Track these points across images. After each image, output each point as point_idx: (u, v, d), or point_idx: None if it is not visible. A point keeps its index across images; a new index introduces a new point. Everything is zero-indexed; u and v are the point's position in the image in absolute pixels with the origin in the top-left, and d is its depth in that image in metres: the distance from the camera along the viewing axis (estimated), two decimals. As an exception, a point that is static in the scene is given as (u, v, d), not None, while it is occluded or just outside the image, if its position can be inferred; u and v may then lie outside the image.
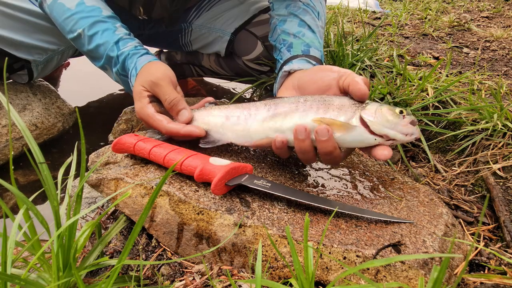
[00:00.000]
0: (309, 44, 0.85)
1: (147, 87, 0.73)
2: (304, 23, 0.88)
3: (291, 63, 0.81)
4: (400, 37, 1.71)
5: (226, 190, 0.58)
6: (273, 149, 0.64)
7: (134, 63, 0.79)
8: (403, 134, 0.59)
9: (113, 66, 0.83)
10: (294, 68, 0.78)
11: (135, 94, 0.75)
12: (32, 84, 1.14)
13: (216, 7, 1.19)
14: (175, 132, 0.69)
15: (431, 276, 0.36)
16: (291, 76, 0.79)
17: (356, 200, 0.63)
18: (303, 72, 0.76)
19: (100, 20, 0.82)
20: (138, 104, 0.74)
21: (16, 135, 1.01)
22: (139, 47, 0.82)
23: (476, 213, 0.71)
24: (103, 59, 0.83)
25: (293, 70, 0.78)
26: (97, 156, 0.71)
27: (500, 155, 0.77)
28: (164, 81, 0.73)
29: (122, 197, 0.47)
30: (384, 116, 0.59)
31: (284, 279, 0.52)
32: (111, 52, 0.81)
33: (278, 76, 0.83)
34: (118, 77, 0.85)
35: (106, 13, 0.84)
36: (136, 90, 0.74)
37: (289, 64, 0.80)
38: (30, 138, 0.52)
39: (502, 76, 1.22)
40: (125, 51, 0.80)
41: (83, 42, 0.84)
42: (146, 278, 0.55)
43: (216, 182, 0.55)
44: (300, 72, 0.77)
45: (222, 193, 0.58)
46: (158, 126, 0.70)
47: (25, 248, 0.44)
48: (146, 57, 0.79)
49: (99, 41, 0.82)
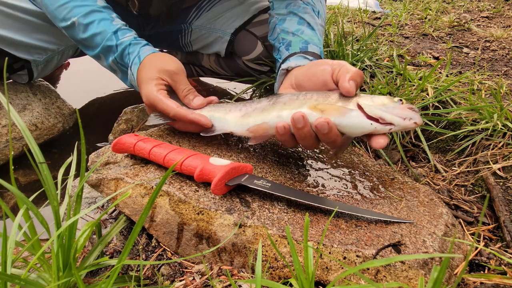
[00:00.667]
0: (308, 41, 0.85)
1: (163, 76, 0.76)
2: (303, 21, 0.88)
3: (288, 61, 0.81)
4: (400, 37, 1.71)
5: (226, 190, 0.58)
6: (277, 137, 0.64)
7: (137, 52, 0.80)
8: (401, 118, 0.57)
9: (110, 55, 0.84)
10: (291, 66, 0.78)
11: (146, 80, 0.76)
12: (32, 84, 1.14)
13: (216, 7, 1.19)
14: (183, 116, 0.71)
15: (431, 276, 0.36)
16: (289, 74, 0.79)
17: (356, 200, 0.63)
18: (299, 69, 0.76)
19: (96, 10, 0.83)
20: (148, 88, 0.75)
21: (16, 135, 1.01)
22: (138, 37, 0.84)
23: (476, 213, 0.71)
24: (99, 48, 0.83)
25: (291, 68, 0.78)
26: (97, 156, 0.71)
27: (500, 155, 0.77)
28: (182, 72, 0.77)
29: (122, 197, 0.47)
30: (381, 100, 0.59)
31: (284, 279, 0.52)
32: (109, 42, 0.82)
33: (278, 75, 0.83)
34: (115, 65, 0.85)
35: (101, 3, 0.85)
36: (150, 77, 0.75)
37: (287, 62, 0.80)
38: (30, 138, 0.52)
39: (502, 76, 1.22)
40: (125, 41, 0.81)
41: (77, 31, 0.84)
42: (146, 278, 0.55)
43: (216, 182, 0.55)
44: (297, 69, 0.77)
45: (222, 193, 0.58)
46: (167, 109, 0.72)
47: (25, 248, 0.44)
48: (149, 47, 0.82)
49: (95, 30, 0.82)
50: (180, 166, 0.60)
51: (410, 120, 0.58)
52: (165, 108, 0.72)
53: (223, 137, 0.79)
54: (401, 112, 0.58)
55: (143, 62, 0.78)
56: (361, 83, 0.63)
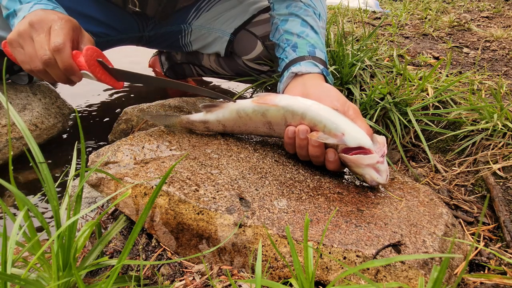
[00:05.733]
0: (314, 45, 0.85)
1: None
2: (306, 23, 0.89)
3: (299, 65, 0.81)
4: (400, 37, 1.71)
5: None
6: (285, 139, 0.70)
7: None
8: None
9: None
10: (302, 71, 0.79)
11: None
12: (32, 84, 1.14)
13: (215, 7, 1.19)
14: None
15: (431, 276, 0.36)
16: (299, 79, 0.79)
17: (356, 200, 0.63)
18: (310, 81, 0.78)
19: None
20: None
21: (16, 135, 1.01)
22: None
23: (476, 213, 0.71)
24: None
25: (301, 73, 0.79)
26: (97, 156, 0.71)
27: (500, 155, 0.77)
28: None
29: (122, 196, 0.47)
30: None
31: (284, 279, 0.52)
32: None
33: (284, 76, 0.83)
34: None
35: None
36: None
37: (297, 66, 0.81)
38: (30, 138, 0.52)
39: (502, 76, 1.22)
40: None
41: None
42: (146, 278, 0.55)
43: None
44: (308, 79, 0.78)
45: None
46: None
47: (26, 248, 0.44)
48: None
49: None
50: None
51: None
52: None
53: (223, 137, 0.79)
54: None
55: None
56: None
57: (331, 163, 0.67)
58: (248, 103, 0.71)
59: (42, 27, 0.70)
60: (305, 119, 0.67)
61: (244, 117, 0.72)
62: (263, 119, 0.71)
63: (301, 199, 0.61)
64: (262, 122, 0.72)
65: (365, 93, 1.03)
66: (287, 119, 0.69)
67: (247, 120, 0.73)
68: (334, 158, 0.66)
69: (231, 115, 0.73)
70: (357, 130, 0.65)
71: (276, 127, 0.71)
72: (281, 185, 0.65)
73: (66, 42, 0.69)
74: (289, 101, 0.68)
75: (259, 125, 0.73)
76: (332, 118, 0.65)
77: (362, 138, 0.64)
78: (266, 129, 0.73)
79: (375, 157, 0.62)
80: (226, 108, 0.74)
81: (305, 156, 0.70)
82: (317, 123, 0.66)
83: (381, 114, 0.96)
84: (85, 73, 0.72)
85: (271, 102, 0.69)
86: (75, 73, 0.71)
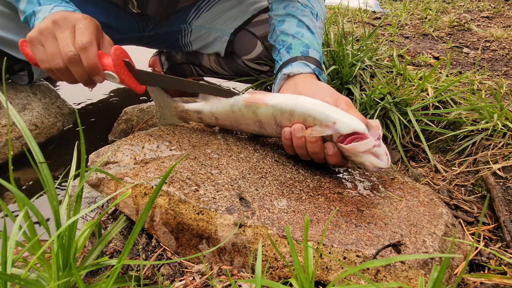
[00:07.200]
0: (308, 44, 0.85)
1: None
2: (302, 23, 0.88)
3: (290, 66, 0.81)
4: (400, 37, 1.71)
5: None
6: (282, 140, 0.70)
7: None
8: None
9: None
10: (293, 72, 0.79)
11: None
12: (32, 84, 1.14)
13: (215, 7, 1.19)
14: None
15: (431, 276, 0.36)
16: (291, 80, 0.79)
17: (356, 200, 0.63)
18: (301, 81, 0.77)
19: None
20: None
21: (16, 134, 1.01)
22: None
23: (476, 213, 0.71)
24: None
25: (293, 74, 0.79)
26: (97, 156, 0.71)
27: (500, 155, 0.77)
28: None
29: (122, 196, 0.47)
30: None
31: (284, 279, 0.52)
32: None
33: (277, 79, 0.83)
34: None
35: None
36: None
37: (289, 67, 0.81)
38: (30, 137, 0.52)
39: (502, 76, 1.22)
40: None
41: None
42: (146, 278, 0.55)
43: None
44: (299, 79, 0.78)
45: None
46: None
47: (26, 248, 0.44)
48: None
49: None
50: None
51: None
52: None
53: (223, 137, 0.79)
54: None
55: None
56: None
57: (332, 157, 0.66)
58: (241, 99, 0.72)
59: (66, 25, 0.69)
60: (294, 116, 0.66)
61: (237, 112, 0.72)
62: (254, 117, 0.71)
63: (301, 199, 0.61)
64: (253, 120, 0.72)
65: (365, 93, 1.03)
66: (277, 118, 0.68)
67: (240, 116, 0.73)
68: (334, 151, 0.65)
69: (224, 109, 0.73)
70: (348, 116, 0.64)
71: (266, 126, 0.71)
72: (281, 185, 0.65)
73: (92, 40, 0.68)
74: (277, 99, 0.68)
75: (250, 123, 0.73)
76: (321, 110, 0.64)
77: (353, 123, 0.63)
78: (257, 128, 0.73)
79: (371, 141, 0.61)
80: (221, 100, 0.74)
81: (305, 155, 0.69)
82: (307, 117, 0.65)
83: (381, 114, 0.96)
84: (108, 73, 0.70)
85: (261, 101, 0.69)
86: (99, 72, 0.70)
